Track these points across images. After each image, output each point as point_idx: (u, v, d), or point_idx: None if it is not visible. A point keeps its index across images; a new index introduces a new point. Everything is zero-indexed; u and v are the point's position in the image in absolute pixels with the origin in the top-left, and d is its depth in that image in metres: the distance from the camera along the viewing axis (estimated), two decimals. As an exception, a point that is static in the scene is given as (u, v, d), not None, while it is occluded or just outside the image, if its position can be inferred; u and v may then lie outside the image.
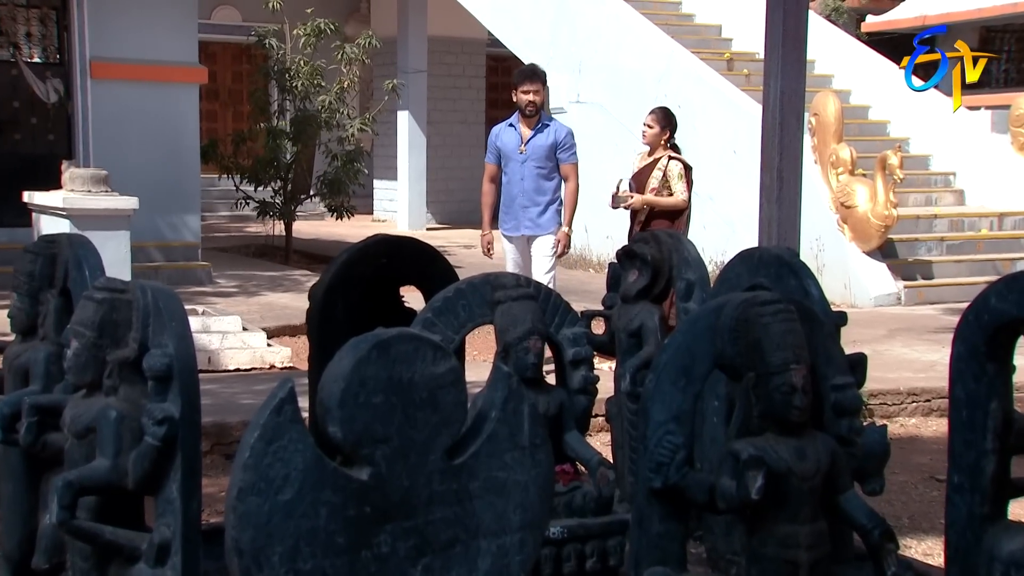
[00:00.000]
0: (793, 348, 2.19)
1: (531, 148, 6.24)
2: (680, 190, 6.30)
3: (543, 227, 6.31)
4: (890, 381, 6.17)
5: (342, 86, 11.33)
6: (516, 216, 6.29)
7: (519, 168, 6.26)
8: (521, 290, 2.93)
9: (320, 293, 3.11)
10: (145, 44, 9.04)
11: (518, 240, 6.33)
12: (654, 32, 11.38)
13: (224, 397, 5.39)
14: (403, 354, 1.93)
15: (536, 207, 6.28)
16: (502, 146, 6.31)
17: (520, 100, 6.19)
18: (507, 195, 6.32)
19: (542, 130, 6.27)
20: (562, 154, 6.31)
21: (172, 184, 9.15)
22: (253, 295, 8.82)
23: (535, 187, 6.26)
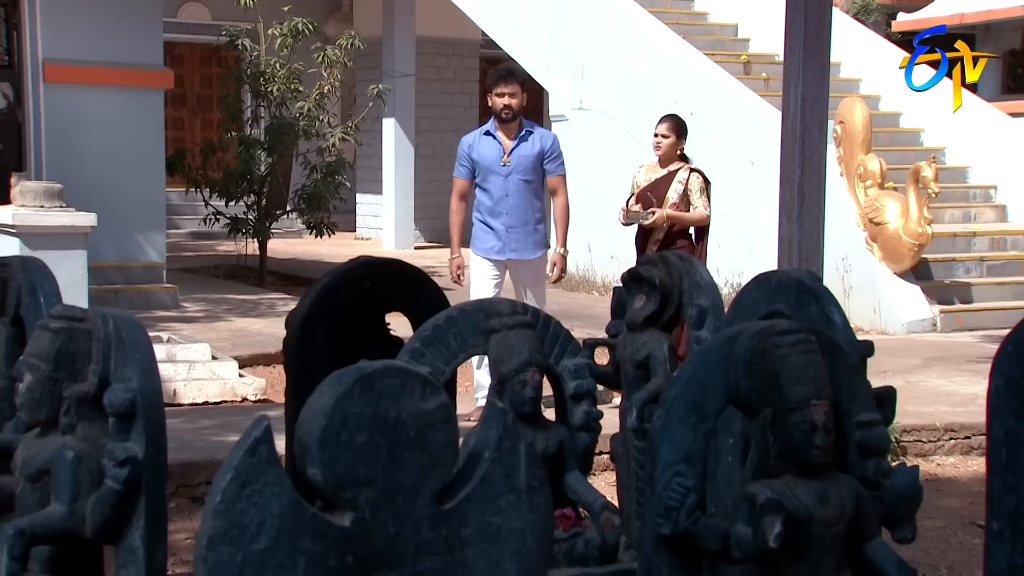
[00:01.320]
0: (814, 382, 2.22)
1: (516, 159, 5.99)
2: (702, 205, 6.22)
3: (531, 250, 6.07)
4: (925, 416, 6.18)
5: (322, 91, 11.39)
6: (498, 237, 6.03)
7: (503, 183, 5.99)
8: (517, 318, 2.96)
9: (298, 320, 3.14)
10: (104, 44, 9.08)
11: (499, 264, 6.08)
12: (664, 32, 11.45)
13: (191, 434, 5.40)
14: (389, 389, 1.95)
15: (524, 227, 6.04)
16: (479, 158, 6.03)
17: (494, 104, 5.96)
18: (485, 213, 6.05)
19: (526, 138, 6.03)
20: (550, 164, 6.08)
21: (134, 199, 9.17)
22: (223, 321, 8.83)
23: (523, 204, 6.01)
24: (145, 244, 9.38)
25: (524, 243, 6.03)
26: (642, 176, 6.42)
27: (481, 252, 6.09)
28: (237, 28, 11.47)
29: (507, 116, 5.94)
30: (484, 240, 6.07)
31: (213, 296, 10.04)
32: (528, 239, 6.04)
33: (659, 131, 6.35)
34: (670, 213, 6.16)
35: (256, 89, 11.39)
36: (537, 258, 6.10)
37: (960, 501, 5.20)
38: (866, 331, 9.27)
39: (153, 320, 8.32)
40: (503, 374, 2.93)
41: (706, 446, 2.25)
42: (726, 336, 2.29)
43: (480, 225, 6.10)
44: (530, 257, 6.07)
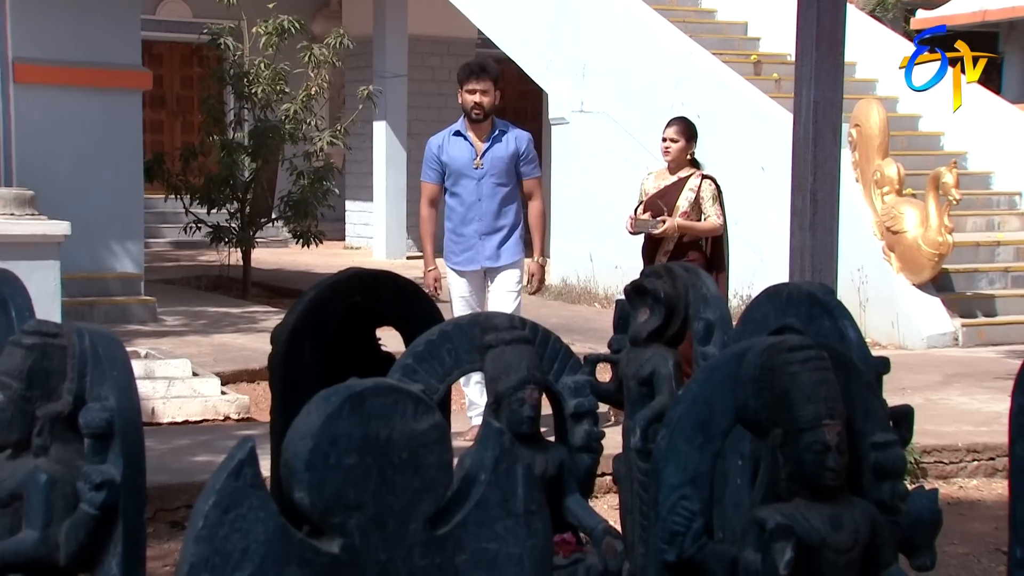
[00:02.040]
0: (826, 401, 2.23)
1: (490, 161, 5.88)
2: (715, 213, 6.18)
3: (506, 258, 5.95)
4: (946, 436, 6.19)
5: (309, 93, 11.41)
6: (471, 246, 5.92)
7: (475, 187, 5.90)
8: (515, 332, 2.97)
9: (285, 335, 3.15)
10: (79, 43, 9.10)
11: (472, 276, 5.96)
12: (670, 31, 11.49)
13: (170, 454, 5.41)
14: (380, 408, 1.96)
15: (497, 234, 5.93)
16: (449, 161, 5.93)
17: (464, 102, 5.84)
18: (457, 221, 5.96)
19: (499, 138, 5.92)
20: (525, 166, 5.98)
21: (110, 206, 9.19)
22: (205, 335, 8.84)
23: (496, 209, 5.91)
24: (122, 254, 9.39)
25: (498, 250, 5.92)
26: (650, 183, 6.39)
27: (455, 264, 5.98)
28: (219, 26, 11.51)
29: (478, 116, 5.83)
30: (456, 251, 5.98)
31: (194, 309, 10.05)
32: (502, 246, 5.93)
33: (668, 135, 6.27)
34: (680, 222, 6.11)
35: (239, 90, 11.42)
36: (513, 266, 5.96)
37: (984, 526, 5.20)
38: (883, 346, 9.28)
39: (130, 334, 8.33)
40: (500, 392, 2.94)
41: (713, 468, 2.26)
42: (734, 352, 2.31)
43: (451, 235, 6.00)
44: (505, 264, 5.94)
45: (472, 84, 5.82)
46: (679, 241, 6.18)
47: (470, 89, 5.82)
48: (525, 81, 14.25)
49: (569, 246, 12.15)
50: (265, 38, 11.31)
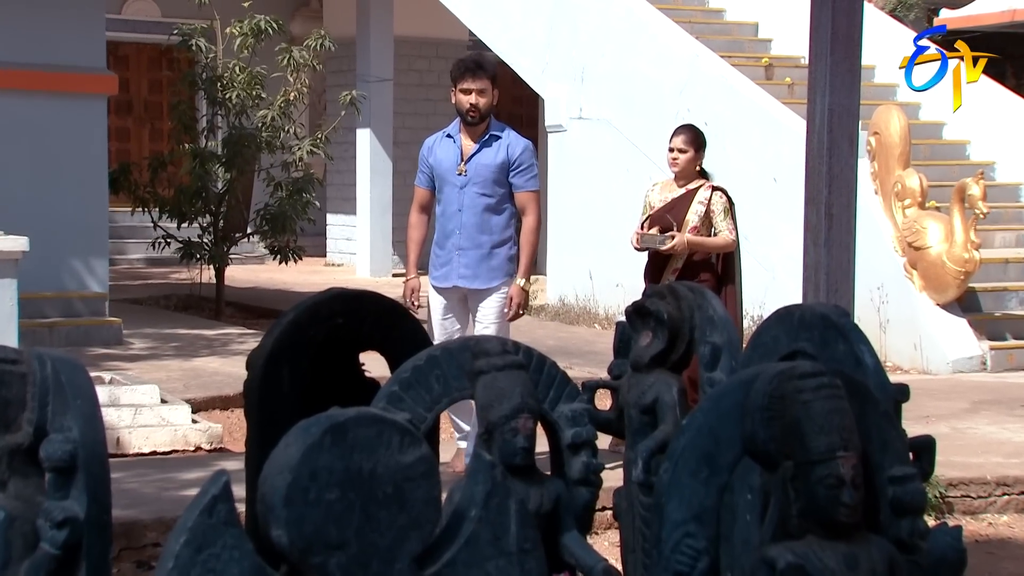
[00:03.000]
0: (840, 431, 2.25)
1: (474, 168, 5.75)
2: (727, 228, 6.17)
3: (486, 279, 5.77)
4: (974, 468, 6.20)
5: (287, 98, 11.45)
6: (447, 260, 5.79)
7: (456, 195, 5.77)
8: (508, 358, 2.99)
9: (261, 360, 3.17)
10: (37, 45, 9.11)
11: (450, 295, 5.82)
12: (675, 32, 11.55)
13: (137, 488, 5.41)
14: (363, 439, 1.98)
15: (477, 250, 5.76)
16: (435, 164, 5.83)
17: (458, 102, 5.74)
18: (439, 231, 5.86)
19: (490, 143, 5.78)
20: (518, 177, 5.81)
21: (72, 220, 9.20)
22: (174, 359, 8.85)
23: (477, 222, 5.75)
24: (85, 272, 9.40)
25: (476, 269, 5.75)
26: (656, 195, 6.37)
27: (433, 280, 5.89)
28: (190, 26, 11.54)
29: (473, 119, 5.71)
30: (436, 265, 5.87)
31: (163, 331, 10.05)
32: (482, 264, 5.75)
33: (675, 144, 6.25)
34: (691, 238, 6.10)
35: (212, 95, 11.45)
36: (492, 289, 5.79)
37: (1016, 566, 5.22)
38: (905, 370, 9.31)
39: (94, 359, 8.33)
40: (492, 421, 2.95)
41: (719, 503, 2.28)
42: (742, 379, 2.33)
43: (433, 247, 5.91)
44: (483, 286, 5.78)
45: (467, 83, 5.70)
46: (689, 259, 6.17)
47: (465, 88, 5.70)
48: (520, 86, 14.28)
49: (567, 263, 12.18)
50: (240, 39, 11.34)
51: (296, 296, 11.76)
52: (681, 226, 6.14)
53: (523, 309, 5.89)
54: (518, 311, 5.85)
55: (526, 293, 5.88)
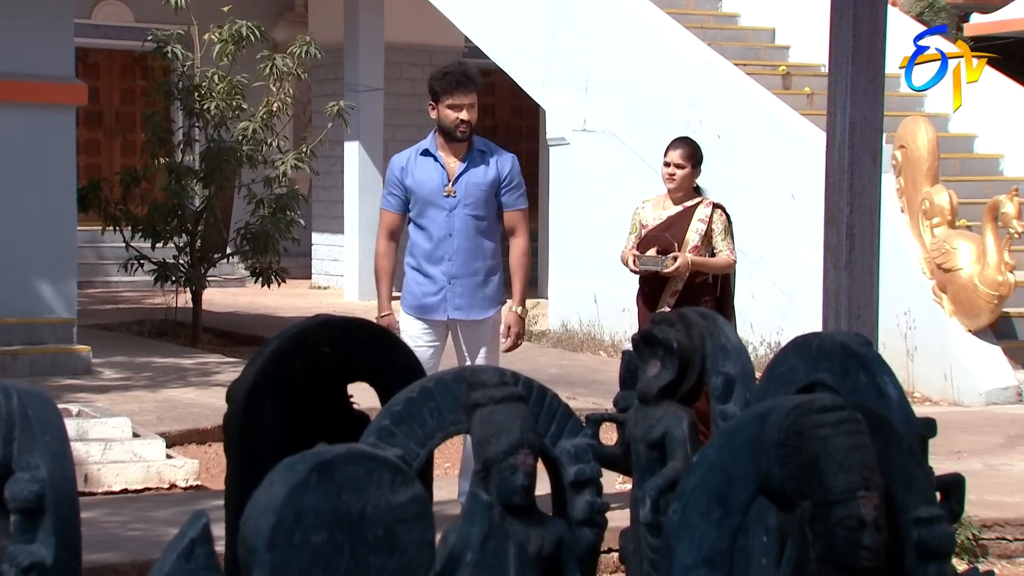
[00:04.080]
0: (861, 469, 2.26)
1: (465, 188, 5.68)
2: (727, 249, 6.24)
3: (481, 310, 5.74)
4: (1010, 508, 6.20)
5: (270, 109, 11.47)
6: (437, 290, 5.70)
7: (445, 219, 5.68)
8: (506, 389, 3.01)
9: (243, 392, 3.18)
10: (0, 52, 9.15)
11: (437, 326, 5.74)
12: (685, 38, 11.59)
13: (108, 530, 5.41)
14: (352, 478, 1.99)
15: (472, 279, 5.71)
16: (415, 186, 5.71)
17: (446, 118, 5.64)
18: (422, 258, 5.74)
19: (478, 161, 5.74)
20: (509, 195, 5.78)
21: (38, 240, 9.21)
22: (148, 389, 8.85)
23: (472, 247, 5.70)
24: (51, 295, 9.41)
25: (472, 299, 5.71)
26: (649, 213, 6.36)
27: (413, 310, 5.76)
28: (166, 32, 11.55)
29: (463, 135, 5.67)
30: (418, 294, 5.75)
31: (135, 359, 10.06)
32: (477, 293, 5.72)
33: (672, 159, 6.28)
34: (694, 259, 6.12)
35: (189, 106, 11.48)
36: (489, 319, 5.76)
37: (1051, 612, 5.22)
38: (935, 402, 9.31)
39: (61, 389, 8.34)
40: (489, 457, 2.97)
41: (732, 545, 2.29)
42: (756, 413, 2.34)
43: (413, 274, 5.79)
44: (479, 317, 5.73)
45: (458, 97, 5.62)
46: (690, 281, 6.17)
47: (455, 104, 5.63)
48: (519, 96, 14.33)
49: (570, 285, 12.20)
50: (219, 46, 11.36)
51: (280, 322, 11.76)
52: (682, 246, 6.16)
53: (521, 339, 5.87)
54: (517, 341, 5.83)
55: (523, 321, 5.85)
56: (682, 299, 6.08)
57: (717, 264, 6.25)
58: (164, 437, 7.14)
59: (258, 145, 11.45)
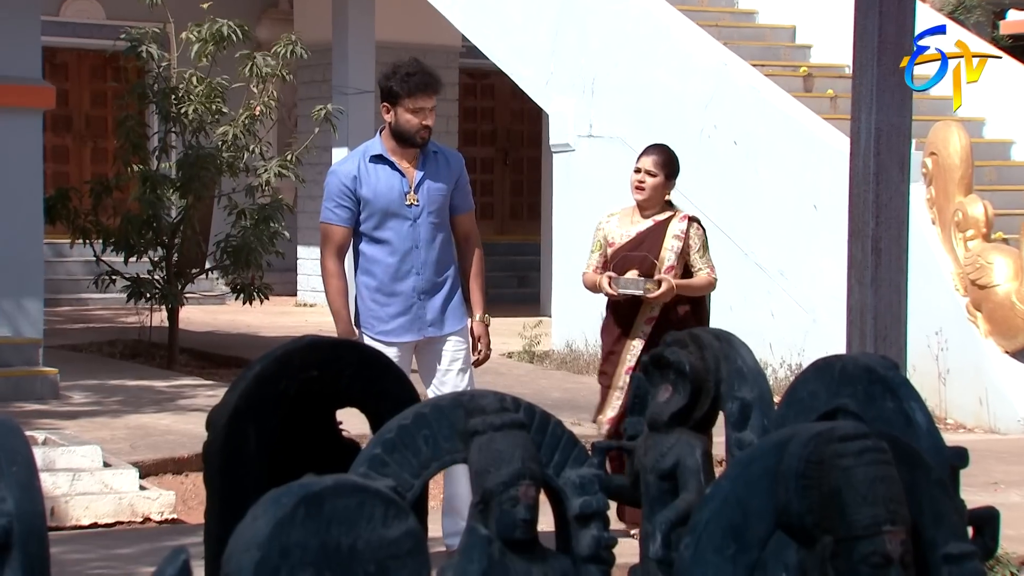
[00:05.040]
0: (886, 502, 2.27)
1: (427, 194, 5.65)
2: (707, 267, 6.11)
3: (454, 322, 5.73)
4: (1049, 543, 6.20)
5: (252, 113, 11.49)
6: (407, 308, 5.66)
7: (409, 230, 5.64)
8: (506, 416, 3.02)
9: (224, 419, 3.19)
10: (-40, 51, 9.17)
11: (405, 350, 5.67)
12: (699, 37, 11.63)
13: (75, 568, 5.42)
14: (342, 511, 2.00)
15: (440, 291, 5.70)
16: (372, 195, 5.63)
17: (406, 123, 5.58)
18: (385, 276, 5.67)
19: (435, 163, 5.72)
20: (460, 197, 5.79)
21: (1, 254, 9.22)
22: (120, 415, 8.86)
23: (439, 257, 5.69)
24: (16, 314, 9.42)
25: (442, 314, 5.70)
26: (615, 228, 6.21)
27: (382, 335, 5.67)
28: (140, 30, 11.53)
29: (423, 140, 5.62)
30: (384, 317, 5.68)
31: (106, 382, 10.07)
32: (448, 306, 5.71)
33: (643, 165, 6.14)
34: (680, 282, 5.99)
35: (165, 110, 11.49)
36: (459, 334, 5.75)
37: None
38: (969, 429, 9.31)
39: (26, 415, 8.35)
40: (488, 489, 2.98)
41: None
42: (774, 441, 2.36)
43: (374, 295, 5.70)
44: (453, 329, 5.73)
45: (422, 100, 5.56)
46: (669, 304, 6.02)
47: (418, 108, 5.56)
48: (520, 99, 14.39)
49: (575, 302, 12.17)
50: (198, 45, 11.37)
51: (263, 342, 11.75)
52: (653, 269, 6.01)
53: (489, 348, 5.83)
54: (487, 351, 5.80)
55: (487, 329, 5.83)
56: (661, 326, 5.90)
57: (700, 285, 6.12)
58: (137, 467, 7.15)
59: (239, 152, 11.46)
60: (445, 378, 5.68)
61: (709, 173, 10.85)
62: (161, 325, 11.82)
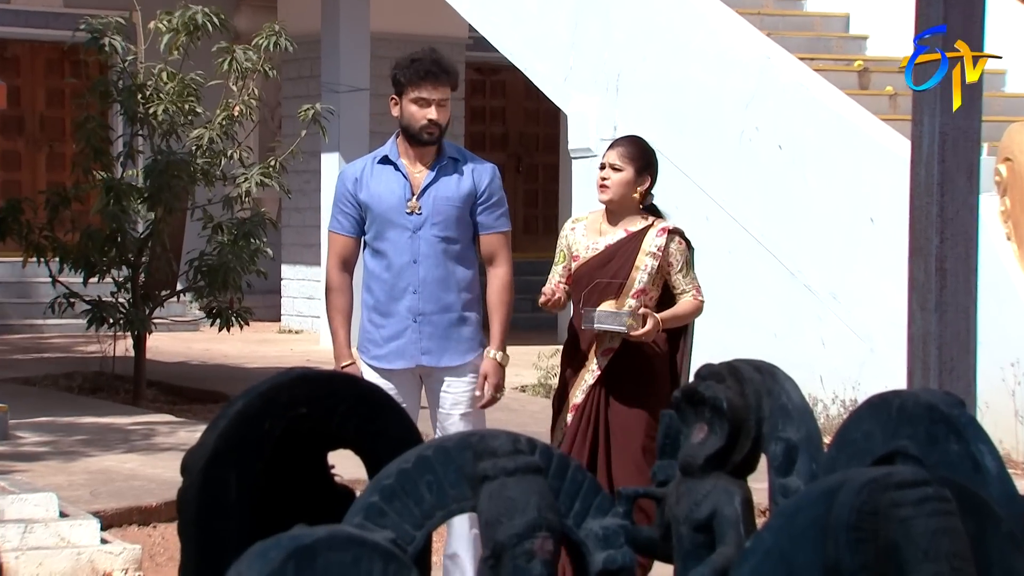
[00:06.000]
0: (950, 558, 2.28)
1: (432, 203, 5.68)
2: (692, 289, 5.89)
3: (457, 354, 5.74)
4: None
5: (230, 114, 11.50)
6: (400, 332, 5.71)
7: (408, 242, 5.68)
8: (520, 459, 3.04)
9: (201, 462, 3.21)
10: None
11: (401, 378, 5.72)
12: (740, 27, 11.64)
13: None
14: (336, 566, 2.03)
15: (443, 315, 5.71)
16: (371, 200, 5.71)
17: (410, 116, 5.65)
18: (381, 293, 5.75)
19: (449, 170, 5.74)
20: (487, 214, 5.78)
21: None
22: (78, 458, 8.88)
23: (441, 276, 5.70)
24: (-37, 342, 9.46)
25: (444, 340, 5.72)
26: (580, 238, 5.98)
27: (375, 361, 5.78)
28: (102, 19, 11.52)
29: (431, 137, 5.67)
30: (378, 339, 5.77)
31: (63, 420, 10.09)
32: (451, 334, 5.73)
33: (607, 159, 5.93)
34: (666, 315, 5.78)
35: (131, 110, 11.51)
36: (466, 365, 5.76)
37: None
38: (1048, 475, 9.32)
39: (-28, 458, 8.40)
40: (500, 541, 3.00)
41: (795, 649, 2.32)
42: (823, 488, 2.37)
43: (370, 315, 5.80)
44: (454, 363, 5.74)
45: (425, 90, 5.63)
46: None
47: (422, 98, 5.63)
48: (535, 98, 14.41)
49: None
50: (168, 36, 11.38)
51: (243, 374, 11.76)
52: (621, 292, 5.79)
53: (501, 390, 5.81)
54: (495, 394, 5.78)
55: (503, 369, 5.80)
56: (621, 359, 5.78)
57: (685, 313, 5.84)
58: (98, 517, 7.15)
59: (216, 157, 11.48)
60: (447, 423, 5.71)
61: (750, 181, 10.87)
62: (126, 355, 11.83)
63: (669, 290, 5.94)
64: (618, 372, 5.81)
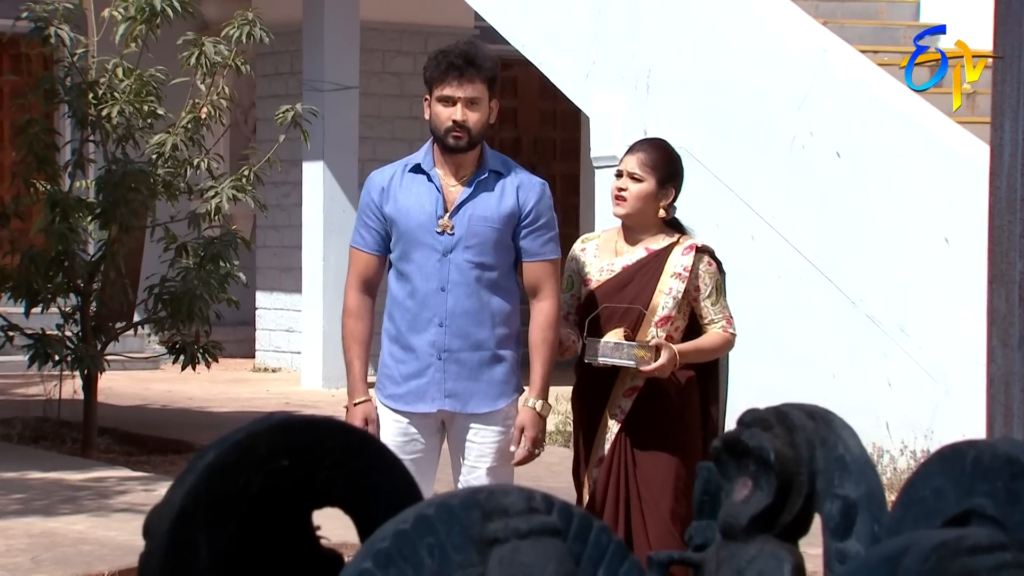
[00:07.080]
0: (1030, 632, 2.33)
1: (467, 222, 5.68)
2: (723, 319, 5.86)
3: (487, 399, 5.74)
4: None
5: (197, 116, 11.52)
6: (422, 370, 5.72)
7: (436, 265, 5.68)
8: (536, 519, 3.07)
9: (167, 523, 3.24)
10: None
11: (423, 422, 5.76)
12: (791, 14, 11.66)
13: None
14: (323, 642, 2.07)
15: (473, 353, 5.70)
16: (399, 214, 5.72)
17: (435, 117, 5.68)
18: (403, 323, 5.75)
19: (489, 183, 5.75)
20: (532, 239, 5.76)
21: None
22: (18, 518, 8.89)
23: (475, 308, 5.68)
24: None
25: (472, 383, 5.72)
26: (591, 260, 6.02)
27: (391, 401, 5.81)
28: (48, 6, 11.51)
29: (458, 142, 5.68)
30: (396, 377, 5.79)
31: (1, 475, 10.11)
32: (480, 376, 5.73)
33: (625, 167, 5.98)
34: (683, 348, 5.74)
35: (82, 112, 11.53)
36: (498, 413, 5.77)
37: None
38: None
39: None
40: (513, 615, 3.04)
41: None
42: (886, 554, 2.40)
43: (391, 347, 5.82)
44: (483, 410, 5.75)
45: (450, 87, 5.66)
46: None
47: (447, 96, 5.67)
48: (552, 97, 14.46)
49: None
50: (124, 26, 11.34)
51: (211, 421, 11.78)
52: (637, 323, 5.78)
53: (540, 447, 5.80)
54: (533, 450, 5.78)
55: (544, 421, 5.80)
56: (645, 399, 5.80)
57: (713, 347, 5.87)
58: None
59: (180, 167, 11.50)
60: (471, 478, 5.70)
61: (803, 195, 10.88)
62: (74, 398, 11.84)
63: (696, 320, 5.94)
64: (643, 416, 5.82)
